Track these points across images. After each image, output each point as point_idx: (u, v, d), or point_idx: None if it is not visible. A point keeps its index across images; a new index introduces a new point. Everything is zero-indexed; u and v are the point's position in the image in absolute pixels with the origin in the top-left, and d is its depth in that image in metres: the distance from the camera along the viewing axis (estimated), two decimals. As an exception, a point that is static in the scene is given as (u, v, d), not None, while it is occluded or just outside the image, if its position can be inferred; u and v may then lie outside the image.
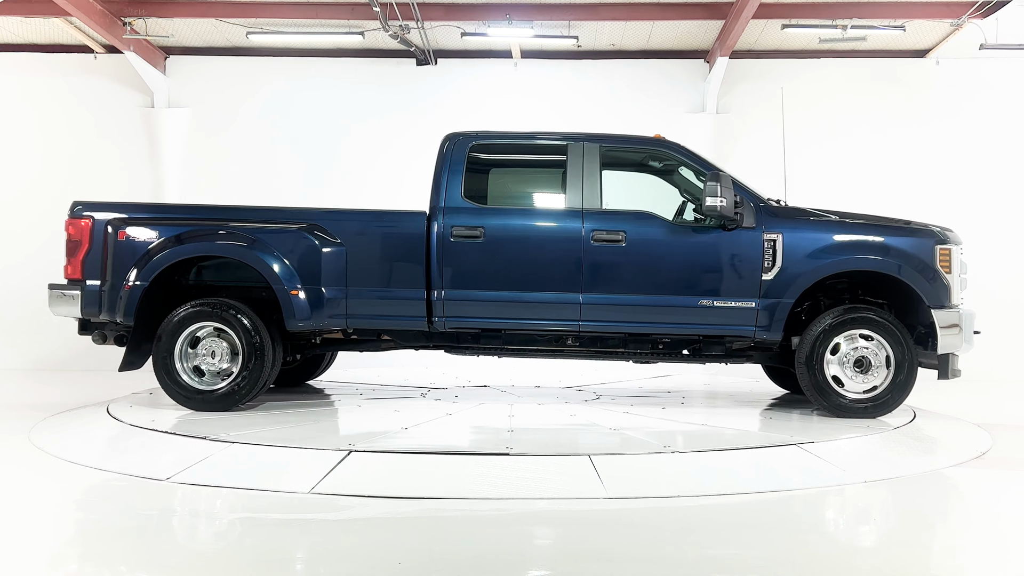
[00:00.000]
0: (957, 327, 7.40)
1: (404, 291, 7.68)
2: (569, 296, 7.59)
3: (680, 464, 6.04)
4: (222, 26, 12.09)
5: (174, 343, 7.55)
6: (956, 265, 7.51)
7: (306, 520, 5.13)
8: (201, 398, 7.56)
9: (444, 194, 7.75)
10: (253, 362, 7.53)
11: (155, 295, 7.72)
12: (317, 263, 7.59)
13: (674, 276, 7.56)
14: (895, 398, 7.47)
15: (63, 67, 12.91)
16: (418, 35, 11.97)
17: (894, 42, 12.29)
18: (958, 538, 5.15)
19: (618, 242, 7.55)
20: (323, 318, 7.65)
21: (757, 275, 7.48)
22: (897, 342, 7.41)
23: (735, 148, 12.42)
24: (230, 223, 7.74)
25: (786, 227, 7.53)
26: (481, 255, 7.64)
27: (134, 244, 7.65)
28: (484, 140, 8.05)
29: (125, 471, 6.14)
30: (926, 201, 12.25)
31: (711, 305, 7.50)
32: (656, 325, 7.66)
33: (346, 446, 6.10)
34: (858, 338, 7.48)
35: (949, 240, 7.56)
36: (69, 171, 12.79)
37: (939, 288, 7.46)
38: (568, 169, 7.77)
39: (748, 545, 4.77)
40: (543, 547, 4.79)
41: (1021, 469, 6.67)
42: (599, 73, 12.75)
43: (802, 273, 7.46)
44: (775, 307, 7.47)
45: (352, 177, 12.52)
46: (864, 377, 7.48)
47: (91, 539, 4.92)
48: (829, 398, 7.49)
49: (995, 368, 11.88)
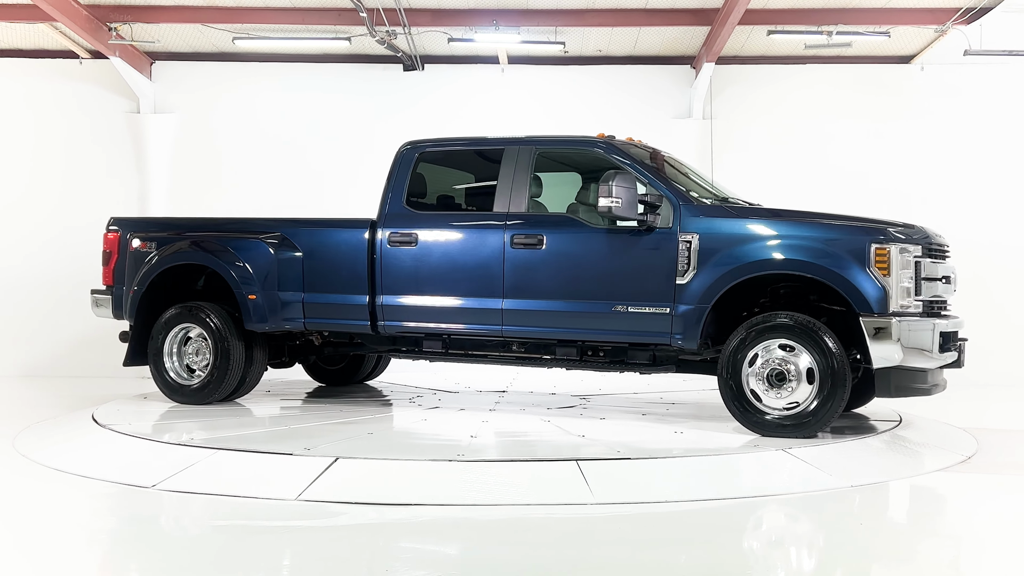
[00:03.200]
0: (889, 336, 6.52)
1: (352, 296, 8.00)
2: (492, 302, 7.56)
3: (667, 469, 6.05)
4: (208, 31, 12.06)
5: (163, 342, 8.38)
6: (897, 267, 6.61)
7: (293, 527, 5.11)
8: (181, 391, 8.36)
9: (389, 202, 8.00)
10: (220, 360, 8.19)
11: (157, 298, 8.51)
12: (273, 270, 8.13)
13: (590, 281, 7.25)
14: (819, 416, 6.63)
15: (48, 72, 12.84)
16: (405, 40, 11.97)
17: (879, 48, 12.35)
18: (942, 543, 5.17)
19: (536, 246, 7.42)
20: (279, 321, 8.16)
21: (672, 279, 6.98)
22: (821, 353, 6.59)
23: (721, 153, 12.45)
24: (210, 234, 8.46)
25: (704, 228, 6.97)
26: (414, 261, 7.85)
27: (141, 254, 8.56)
28: (431, 148, 8.17)
29: (110, 478, 6.11)
30: (911, 205, 12.27)
31: (626, 311, 7.12)
32: (574, 331, 7.40)
33: (331, 453, 6.09)
34: (776, 348, 6.75)
35: (891, 239, 6.69)
36: (54, 177, 12.72)
37: (870, 292, 6.62)
38: (501, 173, 7.70)
39: (734, 549, 4.78)
40: (533, 554, 4.78)
41: (1005, 474, 6.70)
42: (586, 79, 12.77)
43: (718, 277, 6.86)
44: (691, 313, 6.91)
45: (338, 182, 12.49)
46: (779, 392, 6.73)
47: (75, 547, 4.89)
48: (747, 415, 6.81)
49: (981, 372, 11.92)
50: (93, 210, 12.62)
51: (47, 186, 12.72)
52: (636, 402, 8.73)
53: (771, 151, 12.56)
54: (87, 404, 8.63)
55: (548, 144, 7.82)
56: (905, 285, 6.64)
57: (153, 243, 8.54)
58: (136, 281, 8.46)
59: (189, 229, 8.61)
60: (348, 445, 6.44)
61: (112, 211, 12.53)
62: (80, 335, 12.58)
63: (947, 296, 7.12)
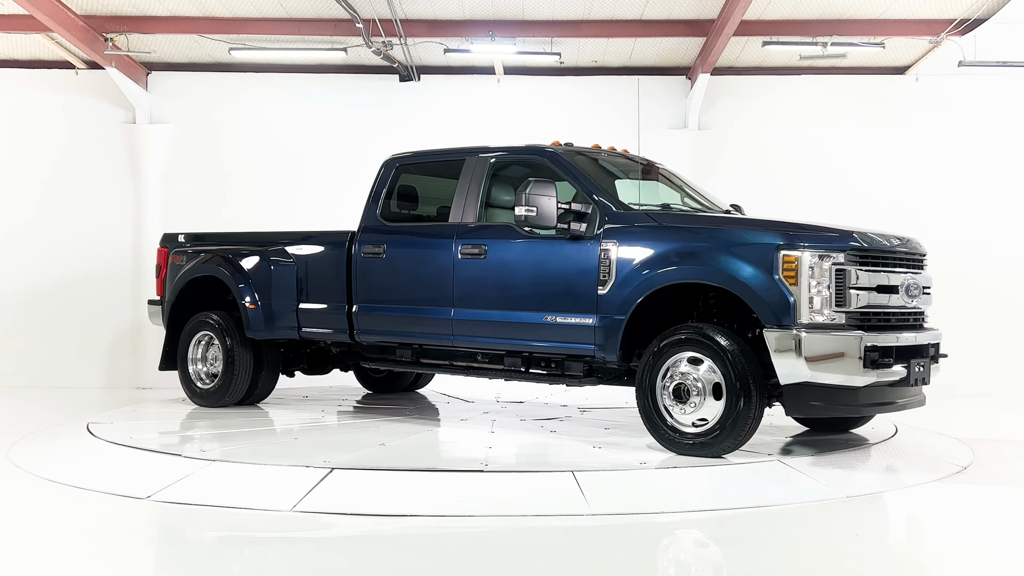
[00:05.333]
0: (793, 349, 6.03)
1: (335, 305, 8.29)
2: (444, 312, 7.63)
3: (662, 480, 6.04)
4: (204, 42, 12.07)
5: (187, 348, 9.04)
6: (806, 275, 6.09)
7: (286, 539, 5.10)
8: (200, 395, 8.97)
9: (366, 214, 8.25)
10: (227, 365, 8.71)
11: (189, 308, 9.14)
12: (269, 281, 8.59)
13: (525, 291, 7.18)
14: (727, 435, 6.25)
15: (44, 83, 12.83)
16: (401, 51, 11.98)
17: (874, 59, 12.39)
18: (938, 554, 5.17)
19: (479, 256, 7.44)
20: (275, 329, 8.58)
21: (593, 289, 6.81)
22: (728, 367, 6.21)
23: (716, 164, 12.47)
24: (222, 247, 9.01)
25: (623, 237, 6.76)
26: (383, 272, 8.03)
27: (176, 267, 9.26)
28: (408, 161, 8.34)
29: (105, 489, 6.09)
30: (905, 216, 12.33)
31: (555, 322, 6.99)
32: (513, 342, 7.33)
33: (325, 463, 6.08)
34: (685, 362, 6.43)
35: (800, 245, 6.16)
36: (49, 187, 12.69)
37: (774, 302, 6.16)
38: (458, 184, 7.77)
39: (730, 561, 4.77)
40: (529, 564, 4.77)
41: (999, 484, 6.69)
42: (582, 90, 12.79)
43: (633, 287, 6.63)
44: (610, 325, 6.70)
45: (334, 192, 12.48)
46: (683, 408, 6.42)
47: (68, 559, 4.87)
48: (658, 430, 6.54)
49: (977, 382, 11.94)
50: (88, 221, 12.65)
51: (42, 196, 12.68)
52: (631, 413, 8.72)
53: (766, 161, 12.58)
54: (82, 415, 8.61)
55: (499, 154, 7.79)
56: (818, 295, 6.11)
57: (185, 257, 9.20)
58: (169, 292, 9.19)
59: (215, 243, 9.16)
60: (352, 456, 6.43)
61: (106, 221, 12.66)
62: (74, 346, 12.56)
63: (907, 306, 6.60)
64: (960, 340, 12.30)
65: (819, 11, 11.36)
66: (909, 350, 6.47)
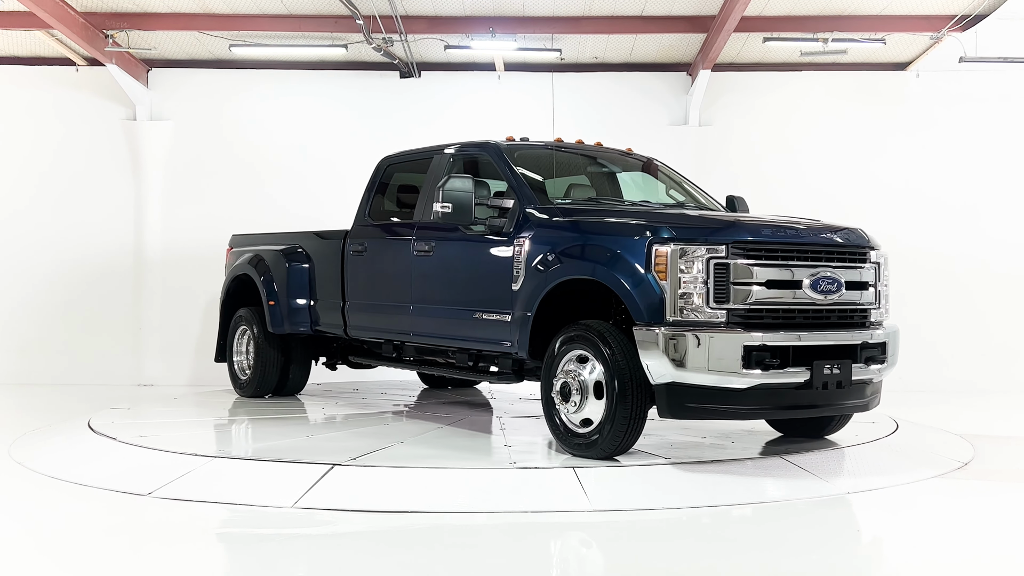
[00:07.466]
0: (656, 347, 5.74)
1: (335, 302, 8.58)
2: (404, 308, 7.78)
3: (663, 476, 6.04)
4: (205, 39, 12.06)
5: (232, 340, 9.62)
6: (675, 270, 5.77)
7: (287, 535, 5.10)
8: (239, 385, 9.55)
9: (359, 213, 8.48)
10: (256, 358, 9.23)
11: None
12: (285, 278, 8.98)
13: (460, 287, 7.26)
14: (609, 436, 6.01)
15: (45, 80, 12.82)
16: (401, 48, 11.98)
17: (874, 55, 12.38)
18: (939, 550, 5.17)
19: (429, 254, 7.52)
20: (292, 325, 8.95)
21: (508, 285, 6.74)
22: (609, 366, 5.96)
23: (717, 160, 12.46)
24: (253, 248, 9.50)
25: (534, 233, 6.65)
26: (364, 270, 8.28)
27: (228, 266, 9.87)
28: (396, 160, 8.48)
29: (106, 486, 6.09)
30: (906, 212, 12.34)
31: (481, 318, 6.97)
32: (454, 339, 7.40)
33: (328, 459, 6.08)
34: (574, 361, 6.23)
35: (670, 238, 5.87)
36: (50, 184, 12.69)
37: (641, 299, 5.88)
38: (424, 182, 7.87)
39: (731, 557, 4.77)
40: (531, 560, 4.78)
41: (1000, 480, 6.69)
42: (582, 86, 12.78)
43: (536, 283, 6.52)
44: (521, 320, 6.61)
45: (335, 189, 12.46)
46: (567, 407, 6.24)
47: (70, 555, 4.87)
48: (556, 430, 6.40)
49: (979, 378, 11.95)
50: (88, 218, 12.64)
51: (43, 193, 12.68)
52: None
53: (767, 157, 12.58)
54: (83, 412, 8.61)
55: (457, 149, 7.78)
56: (693, 291, 5.76)
57: (236, 256, 9.77)
58: (223, 289, 9.82)
59: (253, 243, 9.64)
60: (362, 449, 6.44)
61: (107, 219, 12.66)
62: (76, 343, 12.57)
63: (819, 302, 6.08)
64: (961, 336, 12.39)
65: (820, 7, 11.35)
66: (814, 350, 6.00)
